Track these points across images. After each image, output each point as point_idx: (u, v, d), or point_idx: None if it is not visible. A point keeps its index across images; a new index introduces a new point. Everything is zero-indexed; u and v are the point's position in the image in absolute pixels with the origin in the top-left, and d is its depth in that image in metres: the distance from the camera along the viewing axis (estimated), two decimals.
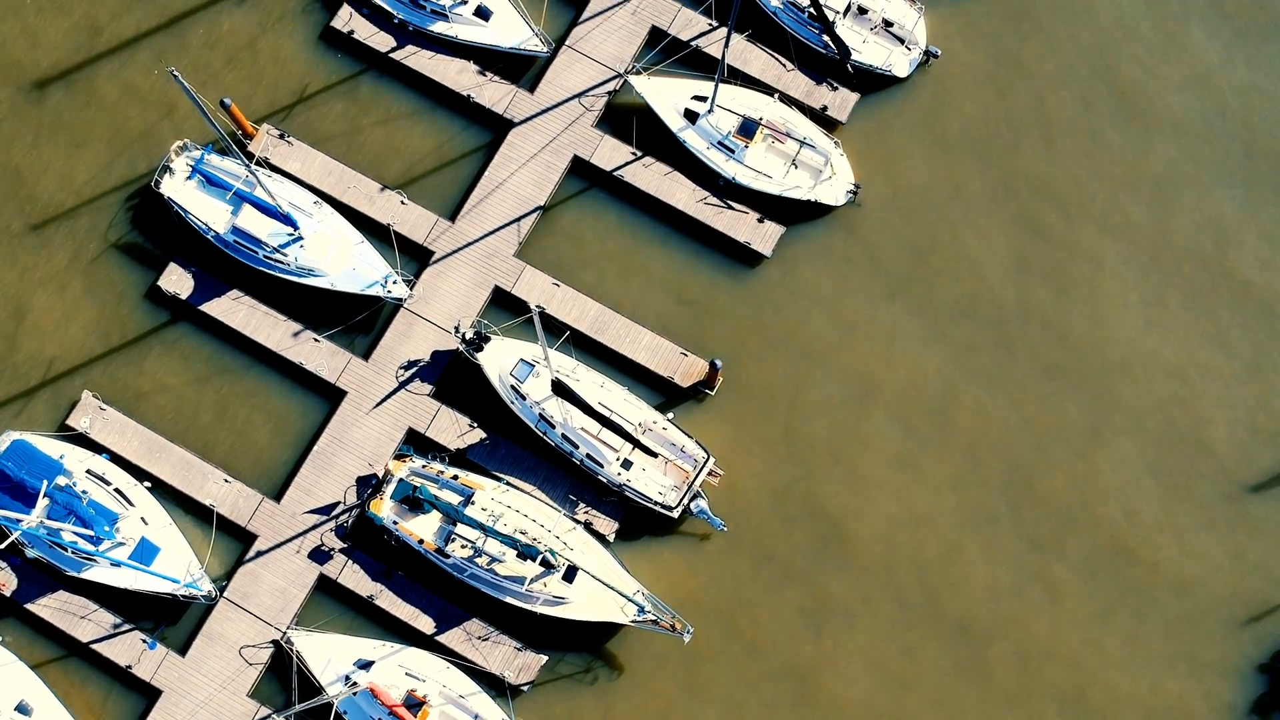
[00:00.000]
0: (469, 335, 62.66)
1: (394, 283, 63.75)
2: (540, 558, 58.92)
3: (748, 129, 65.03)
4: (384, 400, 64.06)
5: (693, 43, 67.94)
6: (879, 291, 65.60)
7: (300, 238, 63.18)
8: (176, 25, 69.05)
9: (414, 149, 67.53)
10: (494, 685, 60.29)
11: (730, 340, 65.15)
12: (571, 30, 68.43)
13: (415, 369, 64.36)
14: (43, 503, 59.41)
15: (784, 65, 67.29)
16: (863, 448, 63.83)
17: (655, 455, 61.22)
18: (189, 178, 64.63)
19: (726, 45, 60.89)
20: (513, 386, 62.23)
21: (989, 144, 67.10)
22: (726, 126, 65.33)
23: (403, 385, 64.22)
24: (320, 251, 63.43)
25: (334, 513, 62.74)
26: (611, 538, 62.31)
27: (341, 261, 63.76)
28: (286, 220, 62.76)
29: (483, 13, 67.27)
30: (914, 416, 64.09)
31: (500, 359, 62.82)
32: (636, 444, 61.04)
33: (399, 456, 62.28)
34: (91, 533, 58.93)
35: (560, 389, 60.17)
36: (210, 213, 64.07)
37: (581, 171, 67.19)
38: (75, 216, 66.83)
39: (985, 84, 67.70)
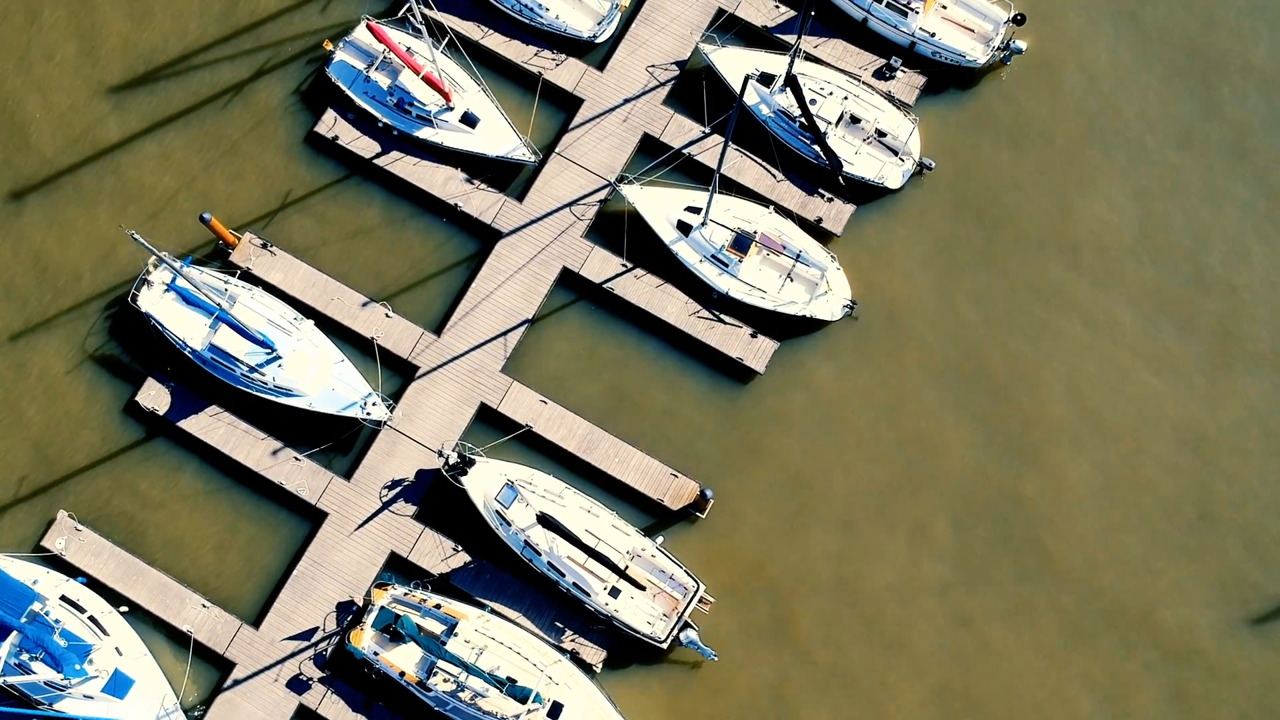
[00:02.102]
0: (453, 460, 60.95)
1: (374, 404, 62.06)
2: (525, 698, 57.19)
3: (741, 243, 63.36)
4: (366, 522, 62.36)
5: (685, 151, 66.26)
6: (875, 409, 63.83)
7: (279, 357, 61.52)
8: (158, 129, 67.47)
9: (399, 258, 65.91)
10: None
11: (721, 459, 63.42)
12: (561, 137, 66.79)
13: (398, 489, 62.66)
14: (15, 635, 57.90)
15: (775, 176, 65.59)
16: (859, 569, 62.04)
17: (644, 587, 59.48)
18: (166, 290, 62.95)
19: (721, 160, 59.18)
20: (497, 512, 60.54)
21: (986, 259, 65.38)
22: (720, 240, 63.66)
23: (385, 506, 62.52)
24: (299, 371, 61.75)
25: (314, 640, 60.99)
26: (599, 667, 60.52)
27: (321, 381, 62.09)
28: (264, 340, 61.07)
29: (469, 119, 65.65)
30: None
31: (485, 482, 61.12)
32: (624, 574, 59.30)
33: (380, 585, 60.54)
34: (61, 676, 57.26)
35: (546, 522, 58.47)
36: (188, 328, 62.40)
37: (571, 283, 65.53)
38: (51, 327, 65.20)
39: (981, 196, 65.98)
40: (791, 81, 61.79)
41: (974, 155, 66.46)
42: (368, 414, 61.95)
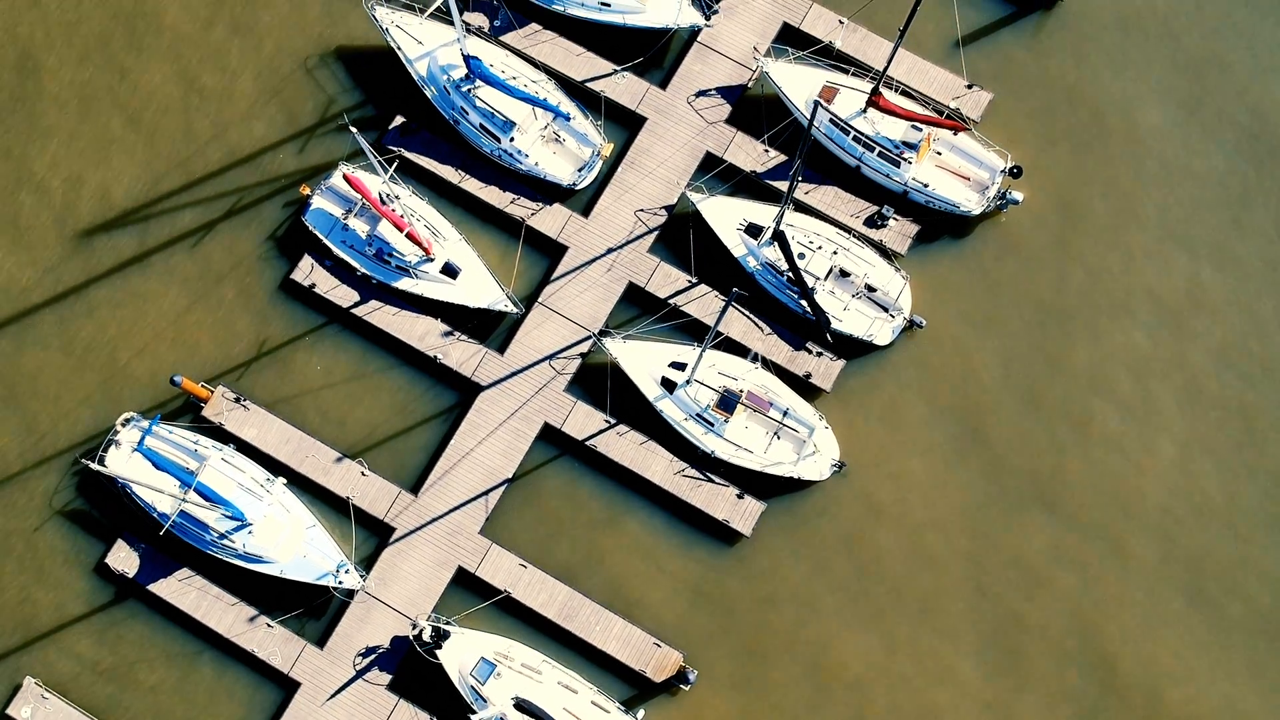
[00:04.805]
0: (427, 635, 59.00)
1: (345, 572, 60.21)
2: None
3: (728, 403, 61.32)
4: (339, 692, 60.48)
5: (671, 301, 64.35)
6: (865, 572, 61.69)
7: (249, 523, 59.71)
8: (129, 275, 65.81)
9: (376, 412, 64.07)
10: None
11: (707, 625, 61.34)
12: (544, 286, 64.89)
13: (373, 658, 60.75)
14: None
15: (762, 329, 63.57)
16: None
17: None
18: (135, 450, 61.18)
19: (718, 323, 57.19)
20: (473, 687, 58.58)
21: (977, 418, 63.21)
22: (705, 399, 61.65)
23: (359, 676, 60.62)
24: (269, 538, 59.96)
25: None
26: None
27: (292, 548, 60.29)
28: (234, 513, 59.22)
29: (450, 270, 63.85)
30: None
31: (461, 655, 59.20)
32: None
33: None
34: None
35: (523, 708, 56.48)
36: (156, 491, 60.57)
37: (552, 439, 63.57)
38: (18, 482, 63.50)
39: (972, 357, 63.82)
40: (779, 237, 59.87)
41: (967, 305, 64.39)
42: (339, 582, 60.12)
